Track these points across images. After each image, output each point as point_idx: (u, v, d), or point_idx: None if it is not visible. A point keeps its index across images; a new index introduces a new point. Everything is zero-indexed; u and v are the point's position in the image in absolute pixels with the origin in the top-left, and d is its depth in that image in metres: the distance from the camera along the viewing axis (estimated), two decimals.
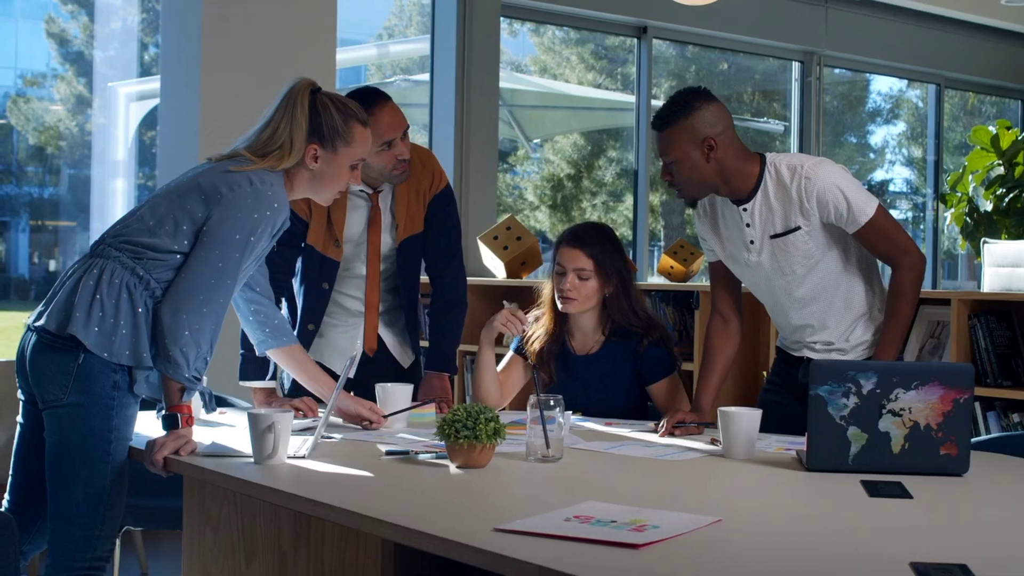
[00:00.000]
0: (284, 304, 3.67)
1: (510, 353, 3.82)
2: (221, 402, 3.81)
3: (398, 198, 3.70)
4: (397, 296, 3.79)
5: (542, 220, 9.08)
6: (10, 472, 3.02)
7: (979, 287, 6.46)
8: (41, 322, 2.85)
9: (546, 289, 3.76)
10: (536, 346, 3.74)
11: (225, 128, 5.32)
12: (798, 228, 3.26)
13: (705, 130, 3.23)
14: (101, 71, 7.26)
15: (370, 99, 3.49)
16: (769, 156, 3.33)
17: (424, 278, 3.85)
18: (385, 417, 3.32)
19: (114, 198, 7.05)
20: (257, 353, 3.33)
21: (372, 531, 2.25)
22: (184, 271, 2.85)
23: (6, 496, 3.04)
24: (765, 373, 5.01)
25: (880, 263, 3.41)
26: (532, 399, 2.82)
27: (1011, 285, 5.85)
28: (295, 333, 3.48)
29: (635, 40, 8.22)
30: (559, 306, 3.66)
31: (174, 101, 5.69)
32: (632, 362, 3.63)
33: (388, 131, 3.54)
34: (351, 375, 3.43)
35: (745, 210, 3.33)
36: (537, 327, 3.76)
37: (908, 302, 3.27)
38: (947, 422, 2.67)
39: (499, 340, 3.72)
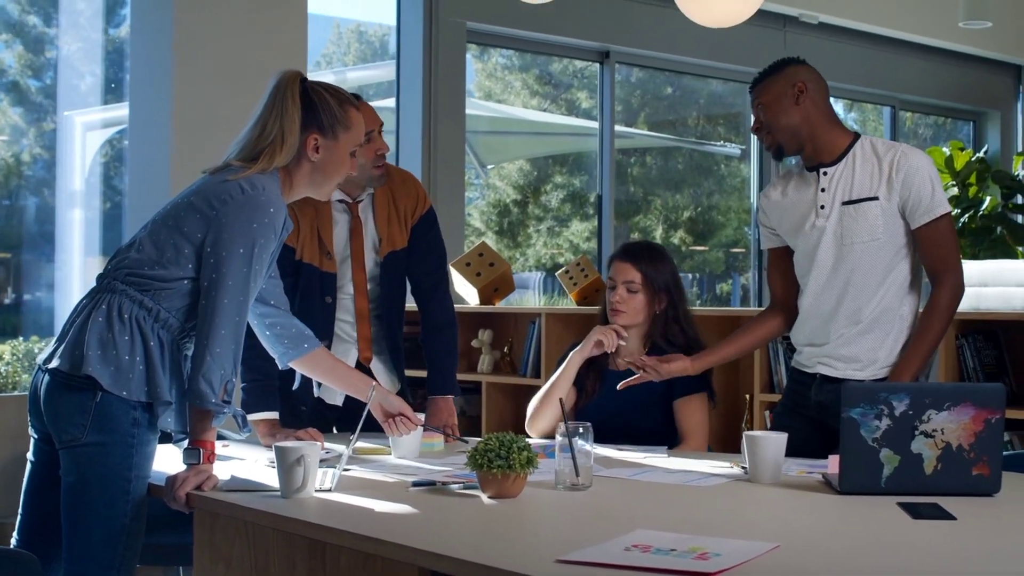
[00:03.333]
0: None
1: None
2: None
3: (378, 211, 3.68)
4: (380, 324, 3.74)
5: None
6: (19, 511, 2.93)
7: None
8: (54, 363, 2.77)
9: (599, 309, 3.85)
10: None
11: (198, 151, 5.26)
12: (876, 198, 3.31)
13: (798, 77, 3.40)
14: (39, 100, 7.16)
15: None
16: (864, 135, 3.44)
17: (410, 306, 3.82)
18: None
19: (71, 228, 6.93)
20: (280, 367, 3.27)
21: (426, 565, 2.19)
22: (199, 297, 2.79)
23: (15, 535, 2.95)
24: (748, 396, 5.01)
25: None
26: (560, 427, 2.78)
27: (979, 304, 5.89)
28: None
29: (596, 65, 8.26)
30: (609, 319, 3.72)
31: (144, 126, 5.62)
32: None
33: (369, 122, 3.48)
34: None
35: (825, 174, 3.40)
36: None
37: (941, 320, 3.30)
38: (979, 442, 2.67)
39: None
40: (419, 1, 7.08)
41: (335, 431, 3.77)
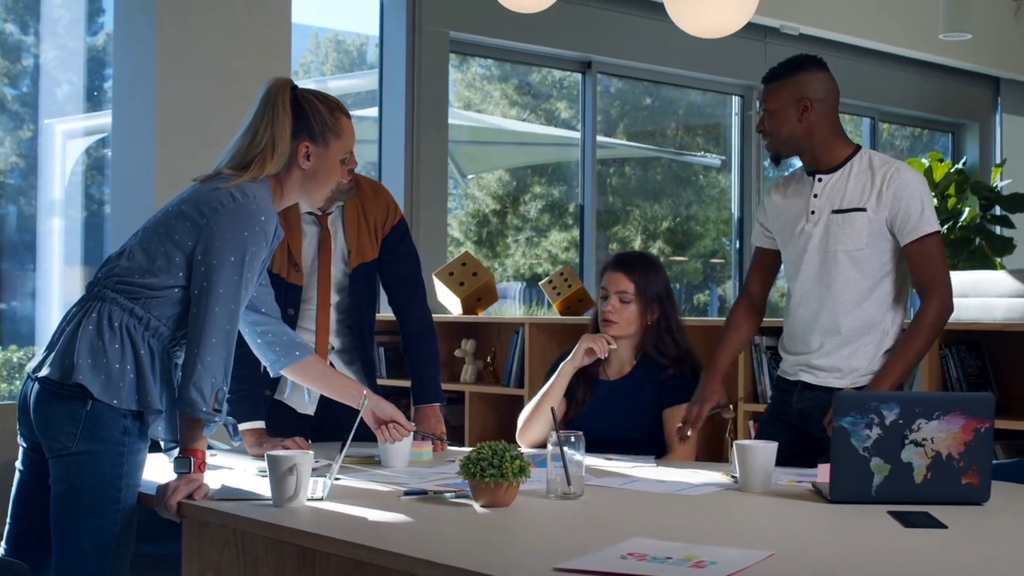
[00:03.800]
0: None
1: None
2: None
3: (348, 223, 3.67)
4: (351, 335, 3.74)
5: None
6: (8, 521, 2.91)
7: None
8: (44, 372, 2.76)
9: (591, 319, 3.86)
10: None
11: (181, 159, 5.26)
12: (863, 209, 3.34)
13: (805, 91, 3.40)
14: (16, 108, 7.14)
15: None
16: (865, 148, 3.47)
17: (389, 316, 3.80)
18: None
19: (51, 237, 6.91)
20: (272, 375, 3.25)
21: (421, 573, 2.18)
22: (190, 305, 2.78)
23: (3, 544, 2.93)
24: (732, 406, 5.02)
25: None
26: (552, 436, 2.78)
27: (960, 315, 5.91)
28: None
29: (575, 75, 8.28)
30: (601, 329, 3.72)
31: (126, 133, 5.60)
32: (656, 387, 3.66)
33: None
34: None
35: (820, 180, 3.43)
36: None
37: (926, 335, 3.32)
38: (968, 451, 2.68)
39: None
40: (402, 11, 7.09)
41: (310, 441, 3.76)
